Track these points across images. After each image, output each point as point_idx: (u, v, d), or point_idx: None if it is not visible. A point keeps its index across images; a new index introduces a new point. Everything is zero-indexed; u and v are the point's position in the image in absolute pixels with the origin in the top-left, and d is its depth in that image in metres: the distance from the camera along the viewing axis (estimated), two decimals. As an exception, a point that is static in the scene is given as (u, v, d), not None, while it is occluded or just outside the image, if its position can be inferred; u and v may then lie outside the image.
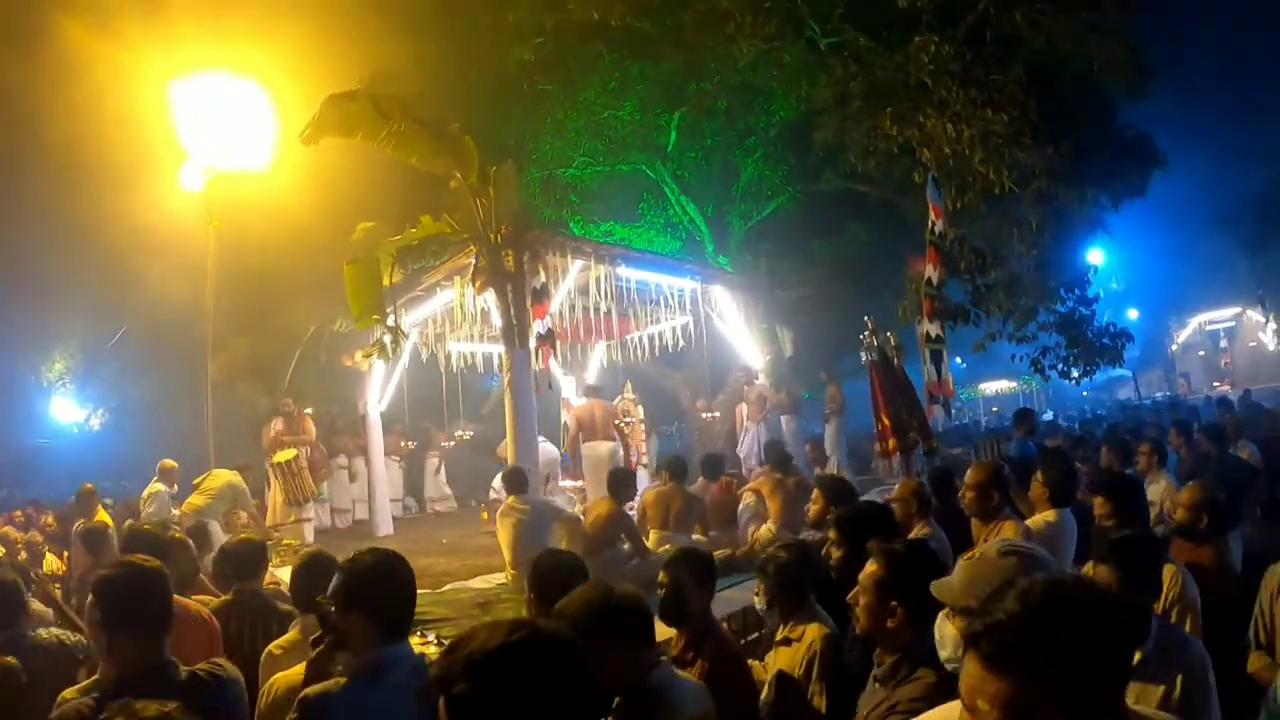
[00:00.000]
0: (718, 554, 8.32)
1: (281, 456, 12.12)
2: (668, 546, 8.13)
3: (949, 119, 11.28)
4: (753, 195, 16.96)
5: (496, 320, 10.22)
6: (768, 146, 16.46)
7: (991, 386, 39.78)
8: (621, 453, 12.06)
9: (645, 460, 13.91)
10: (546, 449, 12.66)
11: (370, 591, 2.86)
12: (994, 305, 12.45)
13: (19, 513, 16.12)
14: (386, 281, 9.70)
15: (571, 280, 10.71)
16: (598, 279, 11.01)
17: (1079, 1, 11.77)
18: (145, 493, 11.11)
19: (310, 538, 11.94)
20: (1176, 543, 4.67)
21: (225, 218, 12.39)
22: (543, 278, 9.62)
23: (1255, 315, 37.04)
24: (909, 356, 10.24)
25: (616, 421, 12.30)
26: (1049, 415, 25.16)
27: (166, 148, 12.44)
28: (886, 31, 12.99)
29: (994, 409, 37.35)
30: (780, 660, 3.84)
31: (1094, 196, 12.58)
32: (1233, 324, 39.08)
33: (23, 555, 12.30)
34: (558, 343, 10.13)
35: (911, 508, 5.62)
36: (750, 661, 4.05)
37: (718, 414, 15.17)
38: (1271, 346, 35.38)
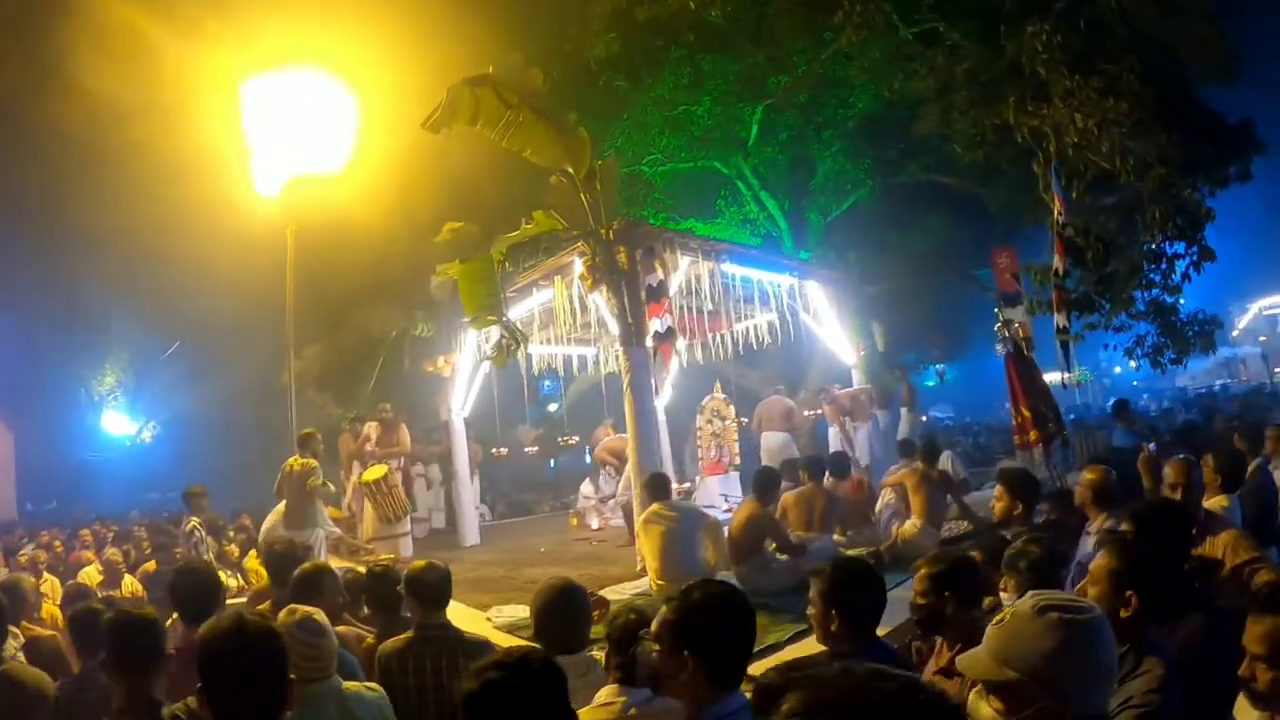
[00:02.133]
0: (855, 552, 8.12)
1: (370, 475, 11.55)
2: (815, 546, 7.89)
3: (1075, 108, 10.98)
4: (831, 189, 16.68)
5: (608, 321, 9.89)
6: (845, 140, 16.19)
7: (1046, 378, 39.18)
8: (794, 445, 12.87)
9: (737, 461, 13.60)
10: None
11: (710, 631, 2.49)
12: (1117, 295, 12.20)
13: (86, 531, 15.67)
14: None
15: (681, 277, 10.38)
16: (698, 276, 10.75)
17: None
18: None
19: (408, 553, 11.55)
20: None
21: (297, 224, 12.13)
22: (660, 274, 9.27)
23: None
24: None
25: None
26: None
27: (231, 157, 12.20)
28: (971, 21, 12.81)
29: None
30: None
31: (1201, 184, 12.23)
32: (1293, 308, 38.38)
33: (99, 577, 11.67)
34: (675, 343, 9.72)
35: (1088, 498, 5.44)
36: None
37: (818, 411, 14.84)
38: None
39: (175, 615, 4.65)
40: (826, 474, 9.26)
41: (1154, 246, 11.96)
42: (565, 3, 13.93)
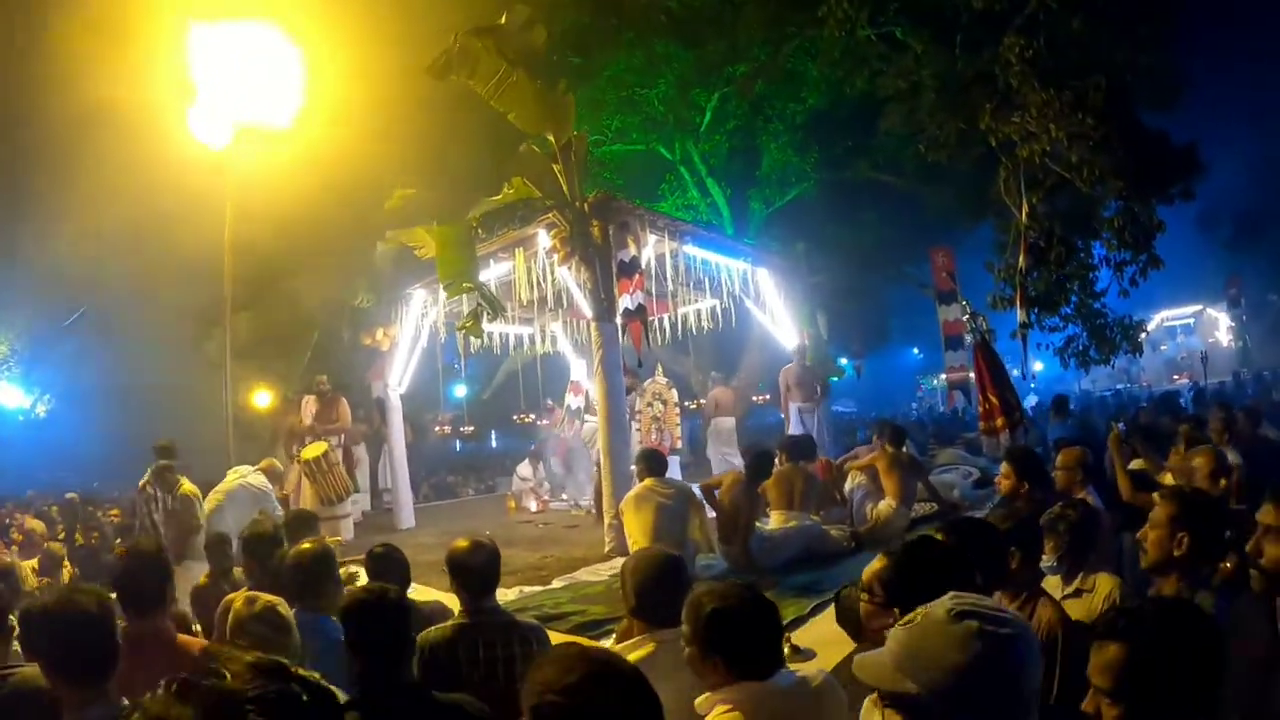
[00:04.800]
0: (836, 532, 8.13)
1: (310, 452, 10.99)
2: (793, 524, 7.84)
3: (1050, 119, 11.34)
4: (775, 180, 16.83)
5: (577, 295, 9.69)
6: (793, 133, 16.36)
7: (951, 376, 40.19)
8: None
9: (679, 445, 13.51)
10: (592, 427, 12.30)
11: (922, 590, 2.19)
12: (1068, 295, 12.65)
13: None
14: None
15: (649, 255, 10.21)
16: (660, 256, 10.62)
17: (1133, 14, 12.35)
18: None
19: (349, 535, 11.06)
20: None
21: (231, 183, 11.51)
22: (633, 250, 9.10)
23: (1214, 313, 38.50)
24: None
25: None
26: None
27: (150, 102, 11.56)
28: (929, 29, 13.19)
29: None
30: (1073, 612, 3.70)
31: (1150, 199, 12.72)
32: (1191, 321, 40.39)
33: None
34: (648, 319, 9.54)
35: (1076, 476, 5.68)
36: None
37: (767, 396, 15.00)
38: (1225, 343, 36.72)
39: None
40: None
41: (1107, 252, 12.34)
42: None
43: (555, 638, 5.52)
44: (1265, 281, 36.27)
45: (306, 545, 4.45)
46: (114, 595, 3.99)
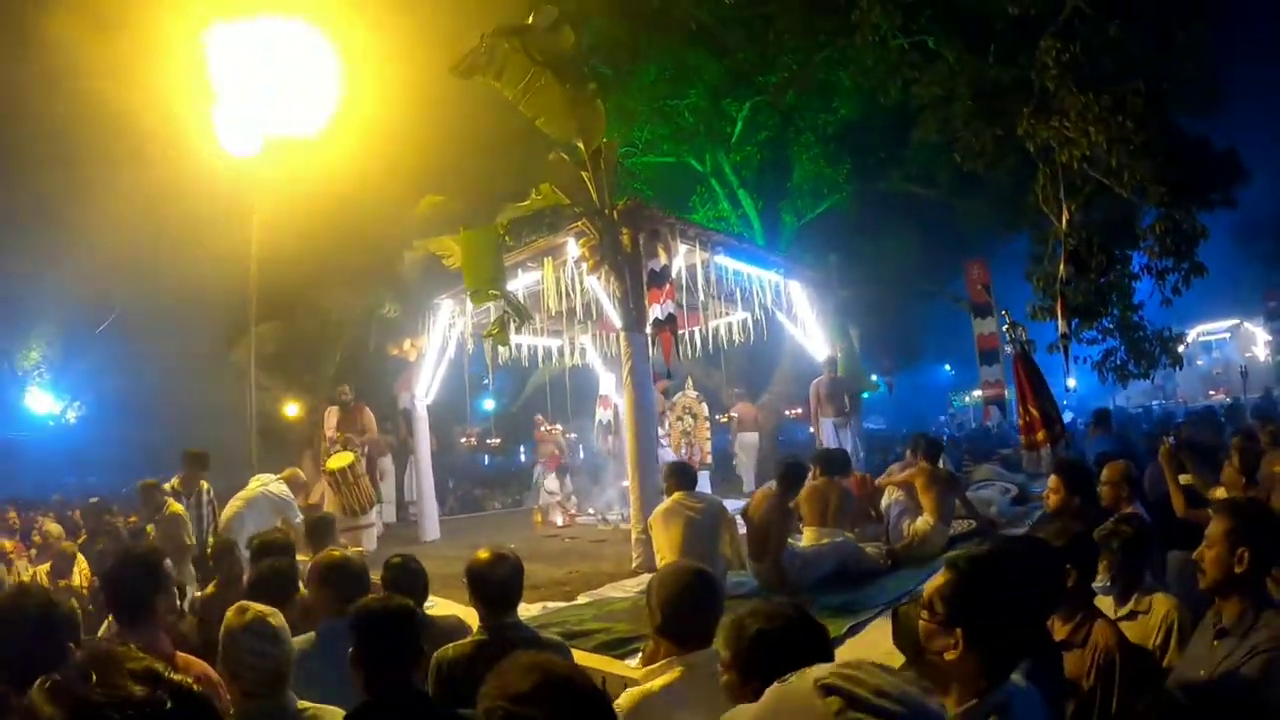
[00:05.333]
0: (871, 550, 7.90)
1: (335, 463, 10.86)
2: (826, 540, 7.63)
3: (1089, 123, 11.12)
4: (807, 192, 16.68)
5: (606, 305, 9.50)
6: (825, 144, 16.24)
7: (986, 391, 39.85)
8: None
9: (709, 460, 13.33)
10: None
11: (990, 609, 2.09)
12: (1109, 305, 12.41)
13: (14, 514, 14.49)
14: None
15: (680, 264, 10.03)
16: (691, 266, 10.44)
17: (1170, 19, 12.20)
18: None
19: (372, 546, 10.89)
20: None
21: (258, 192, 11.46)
22: (663, 259, 8.94)
23: (1251, 327, 37.80)
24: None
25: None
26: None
27: (185, 113, 11.52)
28: (962, 38, 13.08)
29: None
30: (1129, 635, 3.55)
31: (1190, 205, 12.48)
32: (1227, 336, 39.75)
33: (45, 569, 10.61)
34: (679, 330, 9.36)
35: (1123, 491, 5.48)
36: None
37: (799, 411, 14.89)
38: (1262, 358, 36.16)
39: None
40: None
41: (1149, 260, 12.11)
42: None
43: (579, 656, 5.38)
44: (1305, 295, 35.63)
45: (336, 553, 4.40)
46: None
